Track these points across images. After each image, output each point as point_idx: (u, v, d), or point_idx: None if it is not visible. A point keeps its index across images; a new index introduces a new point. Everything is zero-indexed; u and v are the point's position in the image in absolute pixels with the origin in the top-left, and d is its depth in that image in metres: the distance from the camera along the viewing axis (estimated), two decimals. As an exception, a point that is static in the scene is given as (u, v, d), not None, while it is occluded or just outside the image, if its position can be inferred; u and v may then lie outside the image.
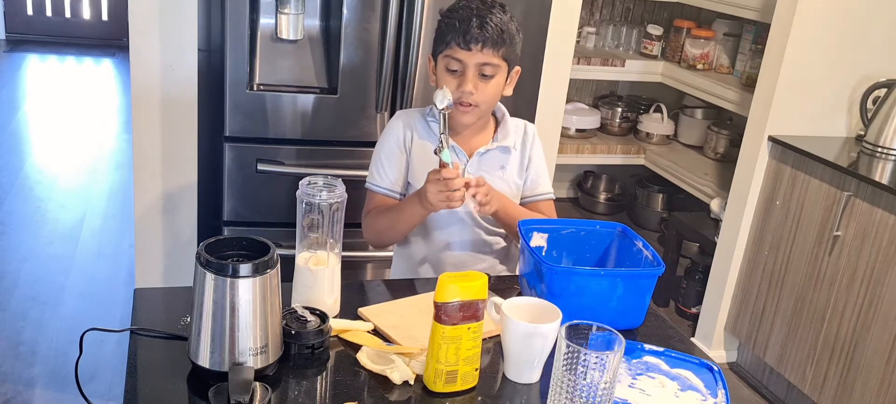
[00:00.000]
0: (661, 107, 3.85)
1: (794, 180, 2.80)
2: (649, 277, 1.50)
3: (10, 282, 3.22)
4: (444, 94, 1.61)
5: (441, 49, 1.74)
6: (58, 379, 2.65)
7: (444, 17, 1.74)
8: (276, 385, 1.24)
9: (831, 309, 2.66)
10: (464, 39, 1.68)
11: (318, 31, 2.52)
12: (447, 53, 1.72)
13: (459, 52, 1.69)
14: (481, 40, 1.67)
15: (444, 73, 1.73)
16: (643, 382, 1.34)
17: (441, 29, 1.74)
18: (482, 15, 1.68)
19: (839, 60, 2.86)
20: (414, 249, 1.89)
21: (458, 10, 1.71)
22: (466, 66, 1.70)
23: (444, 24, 1.73)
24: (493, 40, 1.68)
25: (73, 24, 7.10)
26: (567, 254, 1.65)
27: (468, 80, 1.70)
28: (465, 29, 1.67)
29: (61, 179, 4.34)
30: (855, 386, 2.58)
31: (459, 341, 1.23)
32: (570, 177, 4.32)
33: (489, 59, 1.69)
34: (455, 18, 1.70)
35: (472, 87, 1.70)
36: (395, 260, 1.98)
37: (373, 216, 1.84)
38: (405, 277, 1.88)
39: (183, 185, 2.61)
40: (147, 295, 1.52)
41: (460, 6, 1.72)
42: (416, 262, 1.89)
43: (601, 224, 1.67)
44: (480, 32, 1.67)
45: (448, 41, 1.71)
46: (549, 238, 1.64)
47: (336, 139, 2.54)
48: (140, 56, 2.46)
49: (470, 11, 1.69)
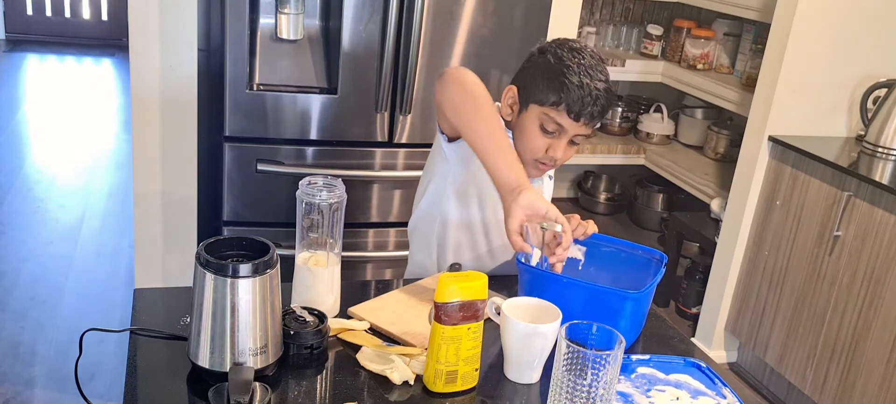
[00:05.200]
0: (662, 107, 3.85)
1: (795, 180, 2.80)
2: (618, 297, 1.42)
3: (10, 281, 3.22)
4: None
5: (543, 102, 1.57)
6: (57, 379, 2.65)
7: (559, 72, 1.56)
8: (276, 385, 1.24)
9: (831, 310, 2.66)
10: (577, 113, 1.55)
11: (318, 31, 2.52)
12: (550, 113, 1.57)
13: (565, 119, 1.56)
14: (593, 117, 1.57)
15: (536, 126, 1.59)
16: (657, 397, 1.32)
17: (552, 83, 1.56)
18: (598, 93, 1.55)
19: (839, 60, 2.86)
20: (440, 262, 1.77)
21: (577, 75, 1.54)
22: (566, 132, 1.59)
23: (558, 83, 1.55)
24: (600, 117, 1.59)
25: (73, 24, 7.10)
26: (604, 272, 1.59)
27: (561, 147, 1.60)
28: (582, 105, 1.54)
29: (61, 179, 4.34)
30: (855, 386, 2.58)
31: (459, 341, 1.23)
32: (571, 176, 4.32)
33: (587, 131, 1.61)
34: (573, 85, 1.54)
35: (563, 155, 1.61)
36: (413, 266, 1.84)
37: (474, 76, 1.55)
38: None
39: (183, 185, 2.61)
40: (147, 295, 1.52)
41: (581, 73, 1.55)
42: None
43: (643, 248, 1.61)
44: (595, 111, 1.56)
45: (556, 103, 1.56)
46: (586, 252, 1.61)
47: (336, 139, 2.54)
48: (140, 56, 2.46)
49: (591, 87, 1.54)
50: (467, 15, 2.52)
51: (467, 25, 2.53)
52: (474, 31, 2.54)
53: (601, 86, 1.56)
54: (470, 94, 1.50)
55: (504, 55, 2.60)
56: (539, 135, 1.60)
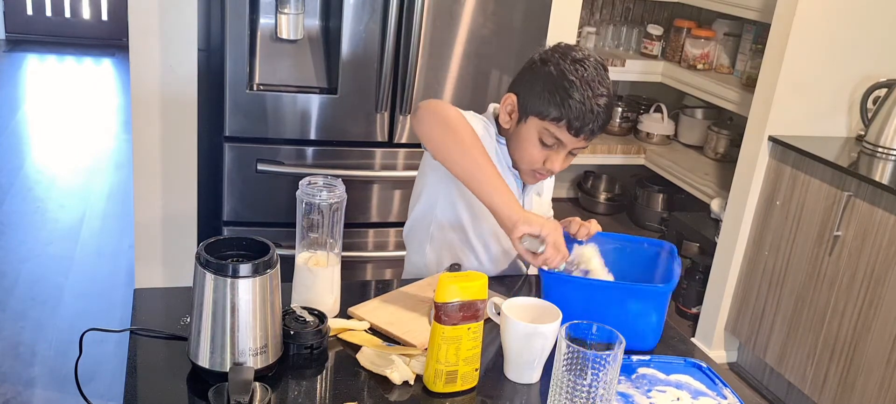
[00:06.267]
0: (662, 107, 3.85)
1: (795, 180, 2.80)
2: (651, 294, 1.42)
3: (10, 281, 3.22)
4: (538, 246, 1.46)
5: (544, 116, 1.55)
6: (57, 379, 2.65)
7: (561, 87, 1.53)
8: (276, 385, 1.24)
9: (831, 310, 2.66)
10: (578, 130, 1.54)
11: (318, 31, 2.52)
12: (549, 128, 1.56)
13: (565, 135, 1.55)
14: (593, 133, 1.56)
15: (535, 138, 1.59)
16: (658, 398, 1.32)
17: (553, 97, 1.54)
18: (599, 110, 1.54)
19: (839, 60, 2.86)
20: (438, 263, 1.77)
21: (579, 91, 1.52)
22: (564, 147, 1.58)
23: (560, 98, 1.53)
24: (600, 131, 1.58)
25: (73, 24, 7.10)
26: (612, 271, 1.59)
27: (559, 160, 1.60)
28: (583, 122, 1.53)
29: (61, 179, 4.34)
30: (855, 386, 2.58)
31: (459, 341, 1.23)
32: (571, 177, 4.32)
33: (586, 145, 1.60)
34: (575, 102, 1.52)
35: (560, 167, 1.61)
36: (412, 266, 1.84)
37: (454, 111, 1.53)
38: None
39: (183, 185, 2.61)
40: (147, 295, 1.52)
41: (584, 88, 1.53)
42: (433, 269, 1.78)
43: (649, 241, 1.61)
44: (596, 127, 1.55)
45: (557, 118, 1.54)
46: None
47: (336, 139, 2.54)
48: (140, 56, 2.46)
49: (593, 104, 1.53)
50: (467, 15, 2.52)
51: (467, 25, 2.53)
52: (474, 31, 2.54)
53: (602, 101, 1.55)
54: (452, 131, 1.49)
55: (504, 55, 2.60)
56: (537, 146, 1.59)
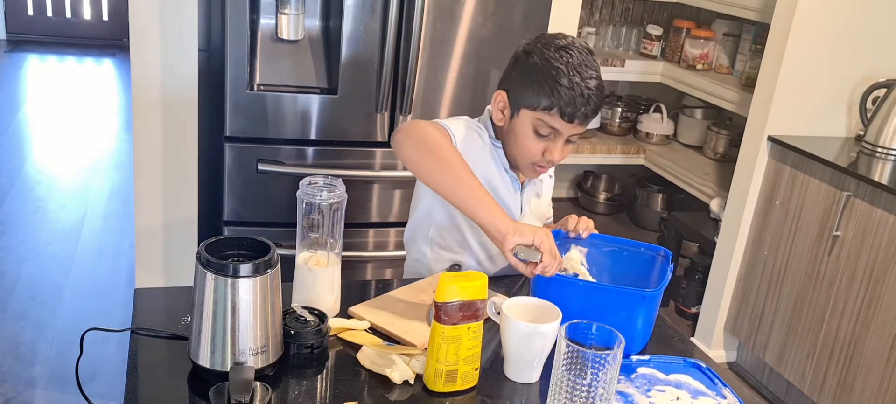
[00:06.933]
0: (661, 108, 3.85)
1: (794, 180, 2.80)
2: (634, 297, 1.41)
3: (10, 282, 3.22)
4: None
5: (534, 107, 1.54)
6: (58, 379, 2.65)
7: (548, 75, 1.52)
8: (277, 385, 1.24)
9: (831, 309, 2.66)
10: (570, 115, 1.52)
11: (318, 31, 2.52)
12: (543, 118, 1.54)
13: (559, 122, 1.54)
14: (587, 117, 1.54)
15: (530, 131, 1.57)
16: (657, 398, 1.32)
17: (542, 87, 1.53)
18: (590, 92, 1.52)
19: (839, 60, 2.86)
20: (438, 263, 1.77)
21: (566, 77, 1.51)
22: (560, 135, 1.56)
23: (549, 87, 1.52)
24: (595, 115, 1.56)
25: (74, 25, 7.10)
26: (606, 273, 1.58)
27: (558, 149, 1.58)
28: (575, 107, 1.51)
29: (61, 179, 4.34)
30: (854, 386, 2.58)
31: (459, 341, 1.23)
32: (570, 176, 4.32)
33: (582, 130, 1.58)
34: (564, 87, 1.51)
35: (560, 156, 1.59)
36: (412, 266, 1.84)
37: (431, 130, 1.51)
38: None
39: (183, 185, 2.62)
40: (147, 295, 1.52)
41: (571, 73, 1.52)
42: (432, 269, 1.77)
43: (645, 245, 1.59)
44: (589, 110, 1.53)
45: (548, 107, 1.53)
46: (587, 254, 1.60)
47: (336, 139, 2.54)
48: (140, 56, 2.46)
49: (582, 87, 1.51)
50: (467, 15, 2.53)
51: (467, 25, 2.54)
52: (474, 31, 2.55)
53: (593, 83, 1.53)
54: (429, 152, 1.47)
55: (504, 55, 2.57)
56: (534, 139, 1.58)
